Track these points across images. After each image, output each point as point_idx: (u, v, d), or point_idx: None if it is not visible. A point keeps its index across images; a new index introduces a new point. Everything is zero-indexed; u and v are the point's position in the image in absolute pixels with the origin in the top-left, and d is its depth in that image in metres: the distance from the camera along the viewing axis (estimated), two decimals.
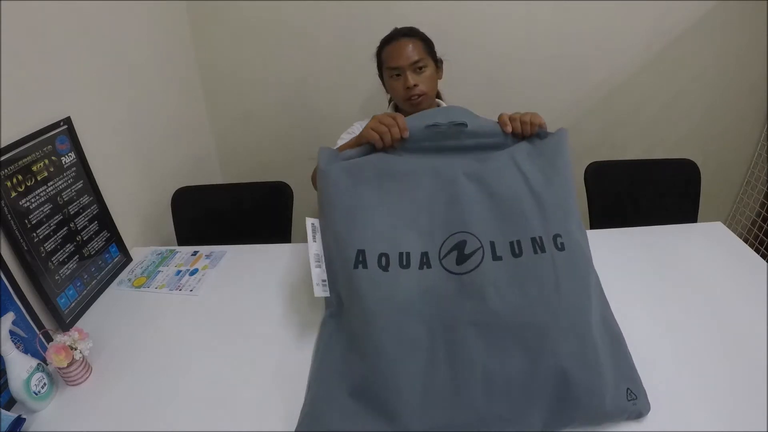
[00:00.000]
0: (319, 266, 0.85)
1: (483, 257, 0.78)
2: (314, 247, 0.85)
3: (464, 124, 0.89)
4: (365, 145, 0.95)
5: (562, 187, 0.84)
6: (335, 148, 1.15)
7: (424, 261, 0.79)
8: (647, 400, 0.73)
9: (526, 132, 0.91)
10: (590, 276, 0.80)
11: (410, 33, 1.21)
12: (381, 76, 1.28)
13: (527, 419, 0.69)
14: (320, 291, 0.82)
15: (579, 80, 1.71)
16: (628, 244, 1.16)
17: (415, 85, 1.16)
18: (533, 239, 0.78)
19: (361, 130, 1.25)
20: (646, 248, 1.14)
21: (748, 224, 1.92)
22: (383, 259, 0.79)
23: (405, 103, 1.21)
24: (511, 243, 0.79)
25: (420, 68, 1.17)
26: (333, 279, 0.84)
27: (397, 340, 0.73)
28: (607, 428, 0.71)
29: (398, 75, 1.18)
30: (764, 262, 1.06)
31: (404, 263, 0.79)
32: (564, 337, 0.72)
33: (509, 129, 0.91)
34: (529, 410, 0.69)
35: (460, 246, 0.79)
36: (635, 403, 0.72)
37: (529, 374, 0.70)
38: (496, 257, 0.78)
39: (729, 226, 1.23)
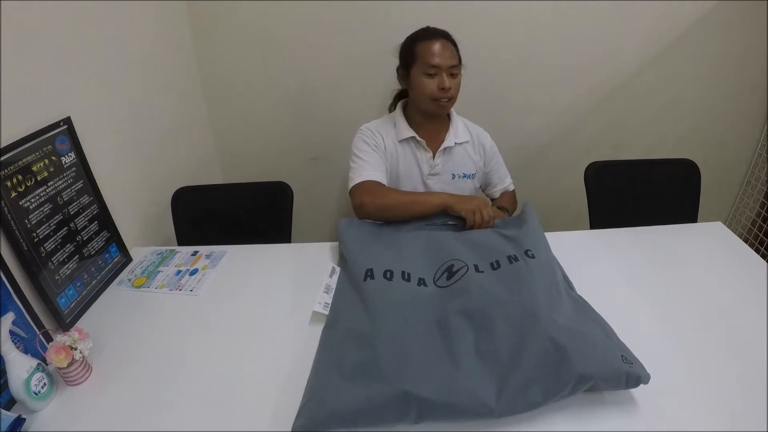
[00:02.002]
0: (327, 293, 0.98)
1: (468, 271, 0.92)
2: (328, 280, 1.01)
3: (453, 224, 1.15)
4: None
5: (531, 231, 1.04)
6: (353, 170, 1.22)
7: (422, 281, 0.93)
8: (646, 370, 0.73)
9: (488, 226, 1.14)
10: (557, 272, 0.96)
11: (448, 37, 1.20)
12: (403, 69, 1.23)
13: (527, 391, 0.70)
14: (320, 308, 0.94)
15: (579, 80, 1.71)
16: (628, 244, 1.17)
17: (449, 88, 1.16)
18: (509, 256, 0.95)
19: (370, 134, 1.23)
20: (646, 248, 1.14)
21: (748, 224, 1.92)
22: (388, 273, 0.94)
23: (432, 102, 1.19)
24: (491, 262, 0.95)
25: (453, 74, 1.17)
26: (337, 306, 0.95)
27: (396, 325, 0.81)
28: (608, 418, 0.71)
29: (433, 74, 1.16)
30: (764, 262, 1.06)
31: (405, 278, 0.93)
32: (547, 313, 0.79)
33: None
34: (522, 373, 0.71)
35: (449, 268, 0.95)
36: (632, 366, 0.73)
37: (518, 343, 0.76)
38: (479, 271, 0.93)
39: (729, 226, 1.23)
